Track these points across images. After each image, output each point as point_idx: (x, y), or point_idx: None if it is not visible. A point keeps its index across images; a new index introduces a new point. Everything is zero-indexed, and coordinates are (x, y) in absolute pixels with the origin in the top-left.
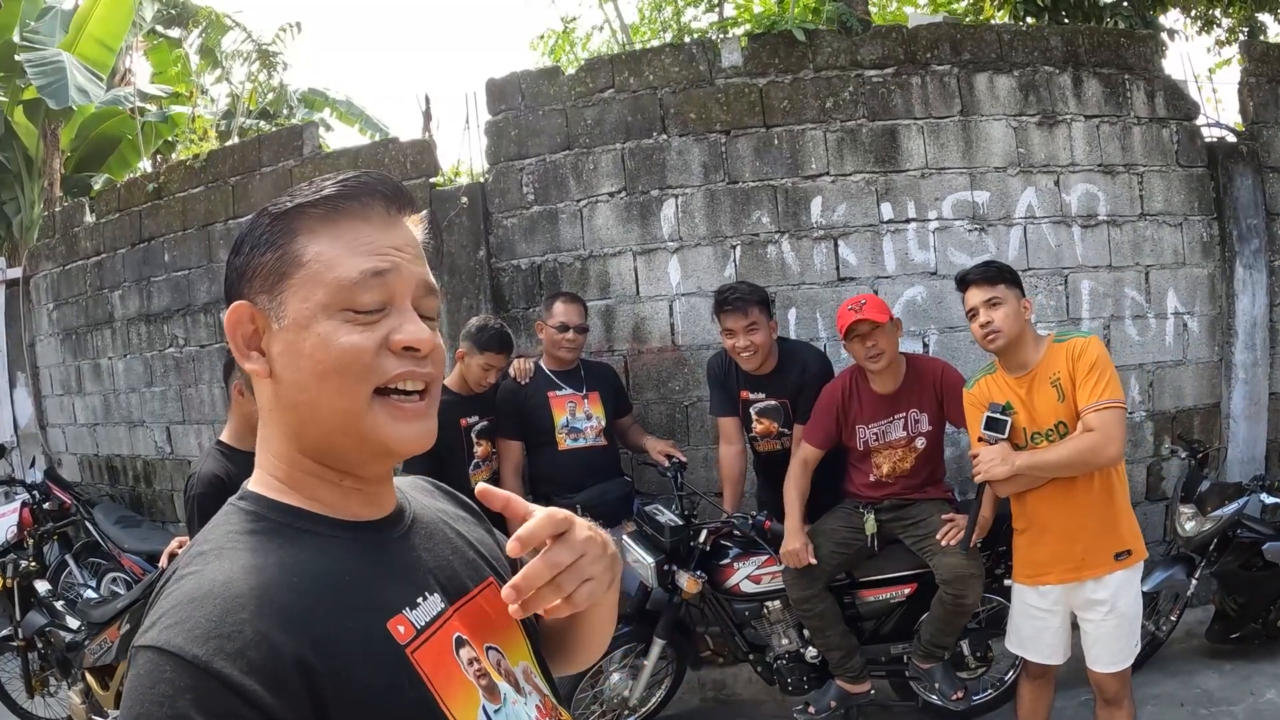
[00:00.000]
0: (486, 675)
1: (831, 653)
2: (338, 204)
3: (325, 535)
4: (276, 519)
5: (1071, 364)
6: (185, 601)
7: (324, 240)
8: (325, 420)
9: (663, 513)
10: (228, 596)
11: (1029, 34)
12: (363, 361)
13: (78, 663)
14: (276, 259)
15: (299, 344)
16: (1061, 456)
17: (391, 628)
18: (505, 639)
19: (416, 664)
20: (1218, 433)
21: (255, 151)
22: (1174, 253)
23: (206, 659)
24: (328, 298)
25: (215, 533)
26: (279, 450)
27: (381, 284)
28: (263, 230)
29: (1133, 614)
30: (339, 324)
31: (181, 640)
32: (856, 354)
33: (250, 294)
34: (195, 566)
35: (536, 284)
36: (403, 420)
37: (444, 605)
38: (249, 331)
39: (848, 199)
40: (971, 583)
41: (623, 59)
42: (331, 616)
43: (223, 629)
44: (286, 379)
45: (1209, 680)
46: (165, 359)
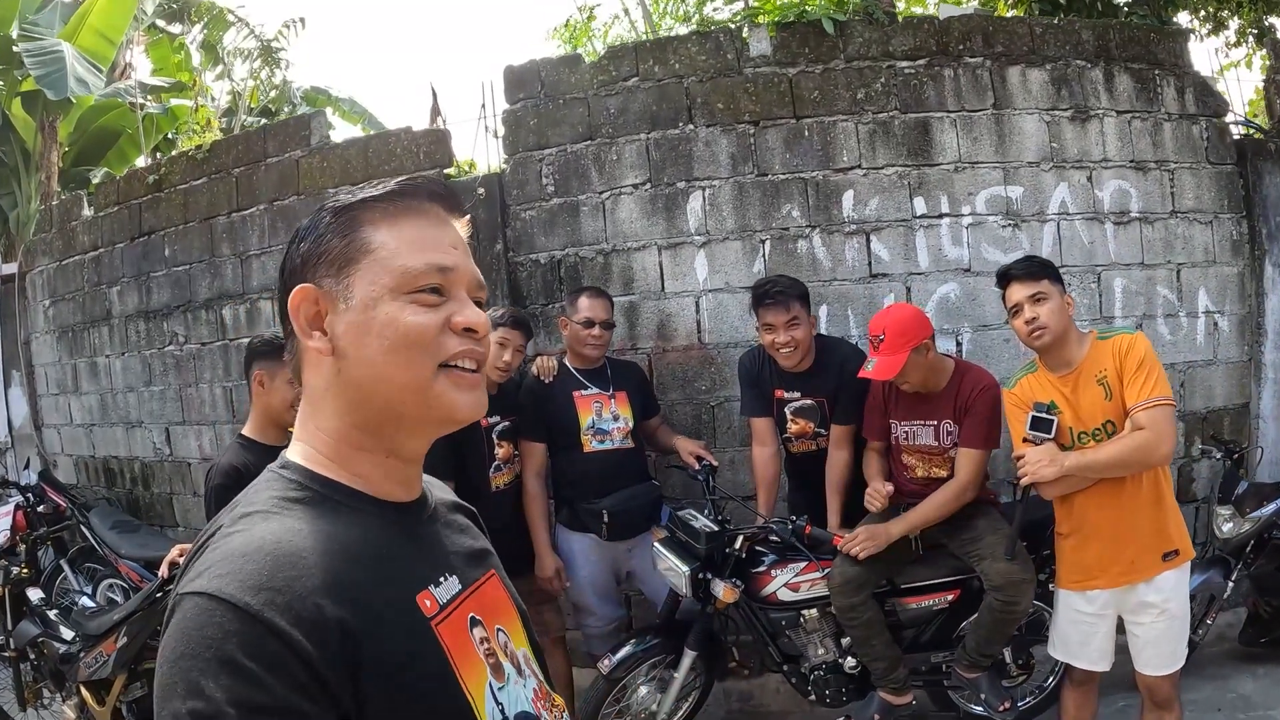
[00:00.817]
0: (494, 655)
1: (876, 663)
2: (400, 200)
3: (361, 510)
4: (317, 489)
5: (1119, 361)
6: (236, 554)
7: (387, 232)
8: (391, 392)
9: (697, 518)
10: (278, 554)
11: (1060, 28)
12: (427, 338)
13: (72, 675)
14: (344, 245)
15: (367, 322)
16: (1114, 455)
17: (420, 601)
18: (510, 624)
19: (440, 636)
20: (1247, 433)
21: (260, 142)
22: (1205, 251)
23: (259, 608)
24: (394, 282)
25: (259, 496)
26: (328, 425)
27: (443, 276)
28: (328, 220)
29: (1184, 614)
30: (405, 304)
31: (234, 588)
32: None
33: (315, 278)
34: (242, 526)
35: (556, 279)
36: (464, 389)
37: (460, 587)
38: (312, 313)
39: (880, 193)
40: (1024, 589)
41: (647, 47)
42: (370, 585)
43: (274, 582)
44: (352, 355)
45: (1244, 684)
46: (164, 357)
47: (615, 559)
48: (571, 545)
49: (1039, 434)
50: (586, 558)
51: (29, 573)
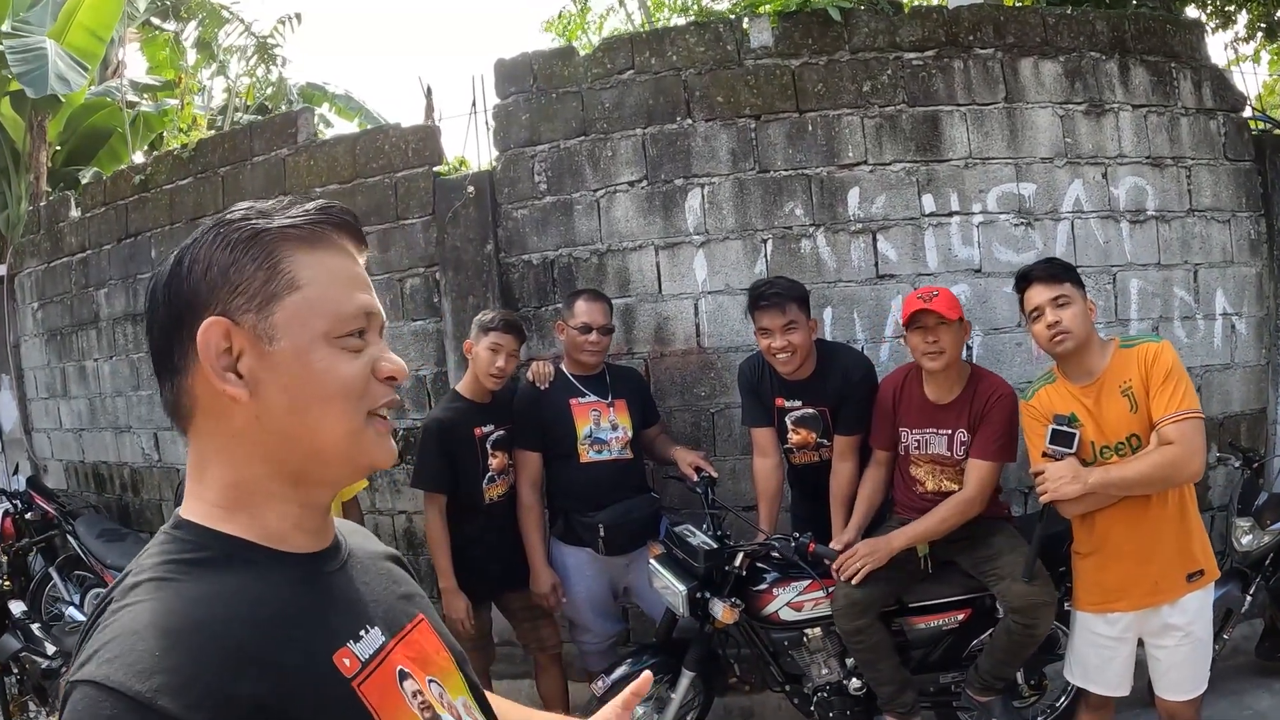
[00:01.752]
0: (430, 708)
1: (882, 687)
2: (319, 231)
3: (265, 566)
4: (216, 548)
5: (1144, 371)
6: (125, 634)
7: (309, 264)
8: (321, 442)
9: (694, 534)
10: (169, 629)
11: (1074, 18)
12: (360, 388)
13: (54, 691)
14: (266, 278)
15: (302, 370)
16: (1142, 472)
17: (337, 661)
18: (444, 673)
19: (363, 697)
20: (1264, 439)
21: (247, 140)
22: (1222, 250)
23: (150, 695)
24: (328, 326)
25: (150, 561)
26: (231, 477)
27: (368, 320)
28: (240, 244)
29: (1208, 637)
30: (338, 352)
31: (122, 675)
32: (915, 346)
33: (228, 311)
34: (132, 598)
35: (550, 281)
36: (384, 436)
37: (385, 638)
38: (223, 349)
39: (887, 190)
40: (1044, 611)
41: (643, 38)
42: (276, 650)
43: (165, 663)
44: (278, 403)
45: (1260, 700)
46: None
47: (612, 574)
48: (567, 560)
49: (1060, 449)
50: (582, 573)
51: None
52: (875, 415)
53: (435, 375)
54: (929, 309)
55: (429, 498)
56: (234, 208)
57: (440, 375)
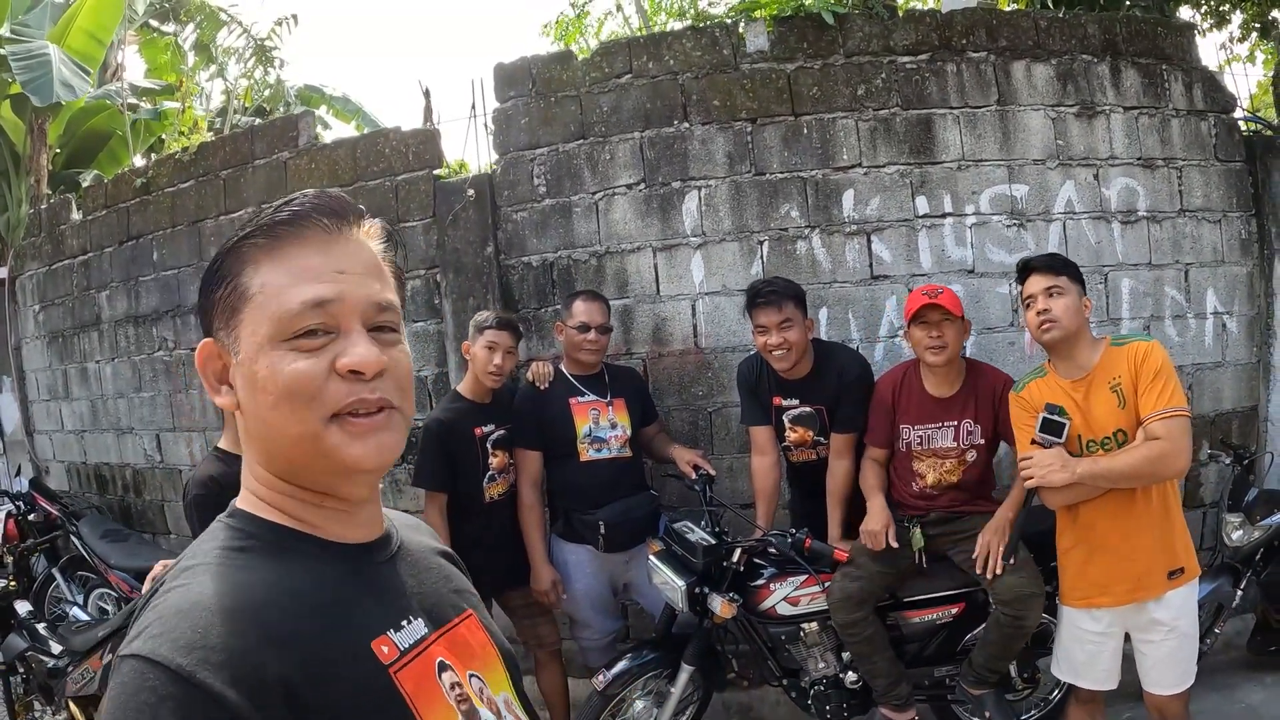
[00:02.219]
0: (468, 700)
1: (877, 680)
2: (275, 231)
3: (311, 554)
4: (264, 537)
5: (1134, 368)
6: (171, 613)
7: (267, 270)
8: (287, 447)
9: (693, 531)
10: (214, 610)
11: (1066, 21)
12: (309, 388)
13: (60, 690)
14: (228, 294)
15: (252, 376)
16: (1128, 465)
17: (375, 648)
18: (487, 668)
19: (399, 684)
20: (1256, 436)
21: (248, 143)
22: (1213, 250)
23: (191, 669)
24: (271, 329)
25: (202, 548)
26: (259, 474)
27: (324, 312)
28: (216, 267)
29: (1193, 632)
30: (284, 353)
31: (167, 650)
32: (918, 342)
33: (214, 331)
34: (182, 580)
35: (549, 282)
36: (359, 437)
37: (427, 630)
38: (218, 367)
39: (881, 192)
40: (1032, 603)
41: (641, 43)
42: (315, 635)
43: (208, 641)
44: (248, 410)
45: (1252, 694)
46: (154, 363)
47: (612, 571)
48: (567, 557)
49: (1049, 437)
50: (583, 570)
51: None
52: (873, 413)
53: (436, 376)
54: (936, 304)
55: (429, 497)
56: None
57: (441, 376)
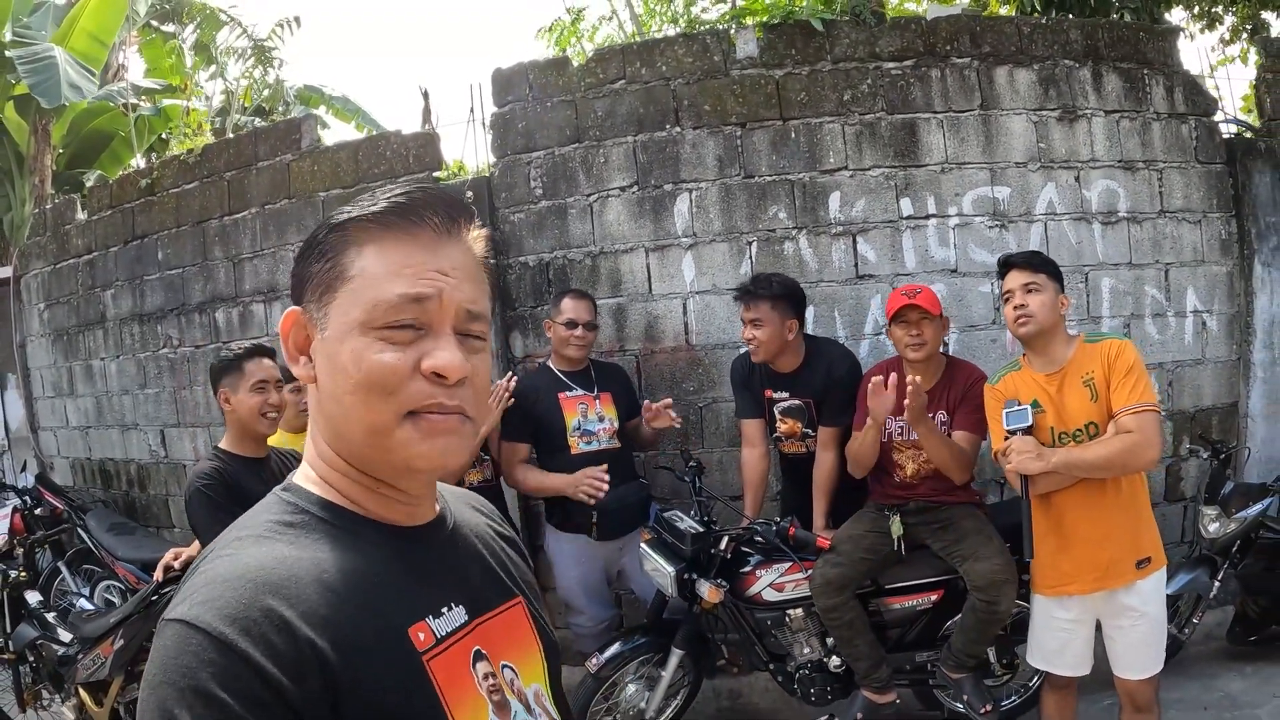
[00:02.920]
0: (500, 691)
1: (858, 663)
2: (388, 220)
3: (362, 536)
4: (316, 514)
5: (1107, 365)
6: (218, 581)
7: (371, 256)
8: (356, 432)
9: (682, 519)
10: (259, 582)
11: (1049, 27)
12: (391, 381)
13: (70, 677)
14: (325, 270)
15: (336, 356)
16: (1101, 455)
17: (412, 634)
18: (523, 659)
19: (431, 672)
20: (1236, 432)
21: (251, 145)
22: (1193, 250)
23: (233, 637)
24: (364, 315)
25: (256, 519)
26: (322, 450)
27: (419, 309)
28: (320, 239)
29: (1161, 618)
30: (372, 340)
31: (210, 616)
32: (898, 340)
33: (303, 301)
34: (232, 550)
35: (545, 282)
36: (430, 436)
37: (467, 618)
38: (301, 338)
39: (866, 194)
40: (1005, 589)
41: (634, 49)
42: (355, 616)
43: (250, 612)
44: (325, 388)
45: (1231, 683)
46: (159, 360)
47: (606, 559)
48: (562, 546)
49: (1016, 426)
50: (577, 559)
51: (27, 576)
52: (860, 401)
53: None
54: (914, 304)
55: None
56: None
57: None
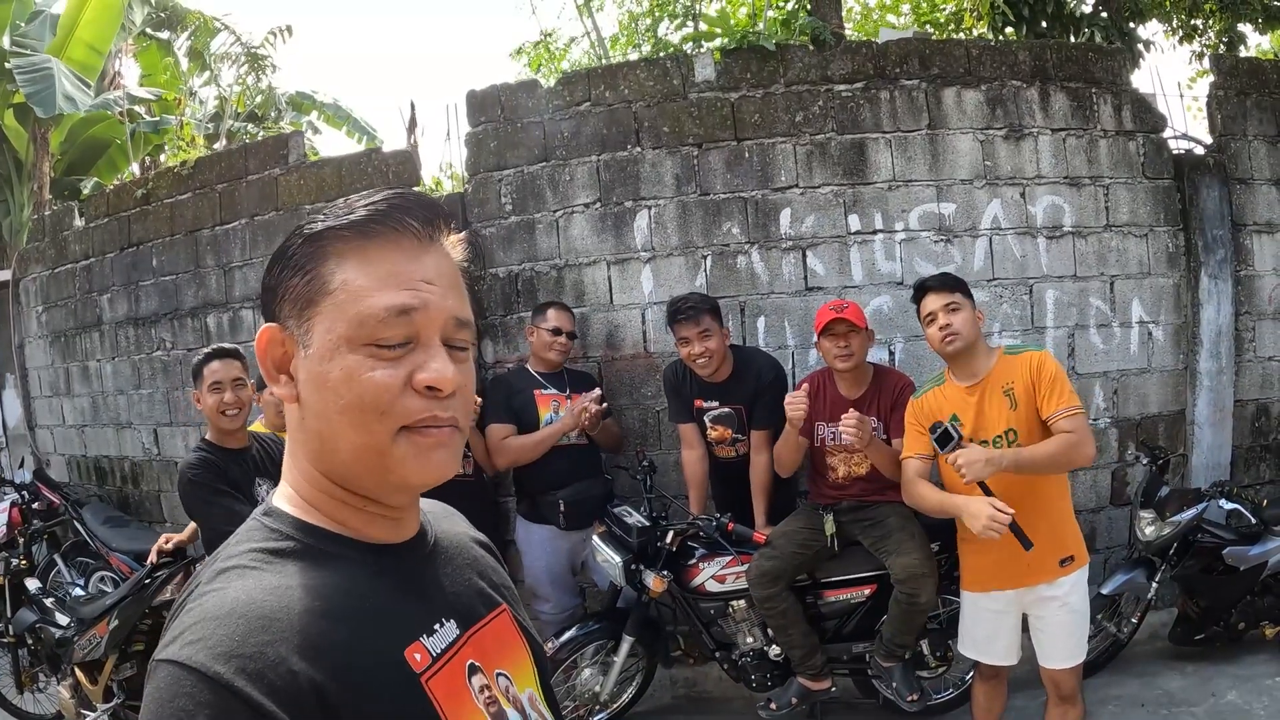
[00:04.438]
0: (496, 702)
1: (793, 651)
2: (368, 228)
3: (349, 559)
4: (301, 539)
5: (1031, 375)
6: (208, 618)
7: (352, 267)
8: (346, 451)
9: (630, 514)
10: (250, 617)
11: (997, 49)
12: (384, 400)
13: (67, 658)
14: (305, 284)
15: (323, 375)
16: (1048, 453)
17: (408, 656)
18: (515, 665)
19: (430, 692)
20: (1183, 439)
21: (242, 159)
22: (1139, 263)
23: (229, 677)
24: (351, 331)
25: (238, 549)
26: (304, 470)
27: (407, 321)
28: (294, 251)
29: (1084, 609)
30: (363, 359)
31: (203, 656)
32: (827, 351)
33: (281, 317)
34: (219, 584)
35: (514, 292)
36: (425, 450)
37: (459, 632)
38: (279, 354)
39: (816, 210)
40: (924, 582)
41: (599, 73)
42: (350, 643)
43: (244, 649)
44: (311, 406)
45: (1171, 681)
46: (153, 362)
47: (572, 548)
48: (531, 535)
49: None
50: (545, 548)
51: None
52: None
53: None
54: (842, 317)
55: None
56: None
57: None
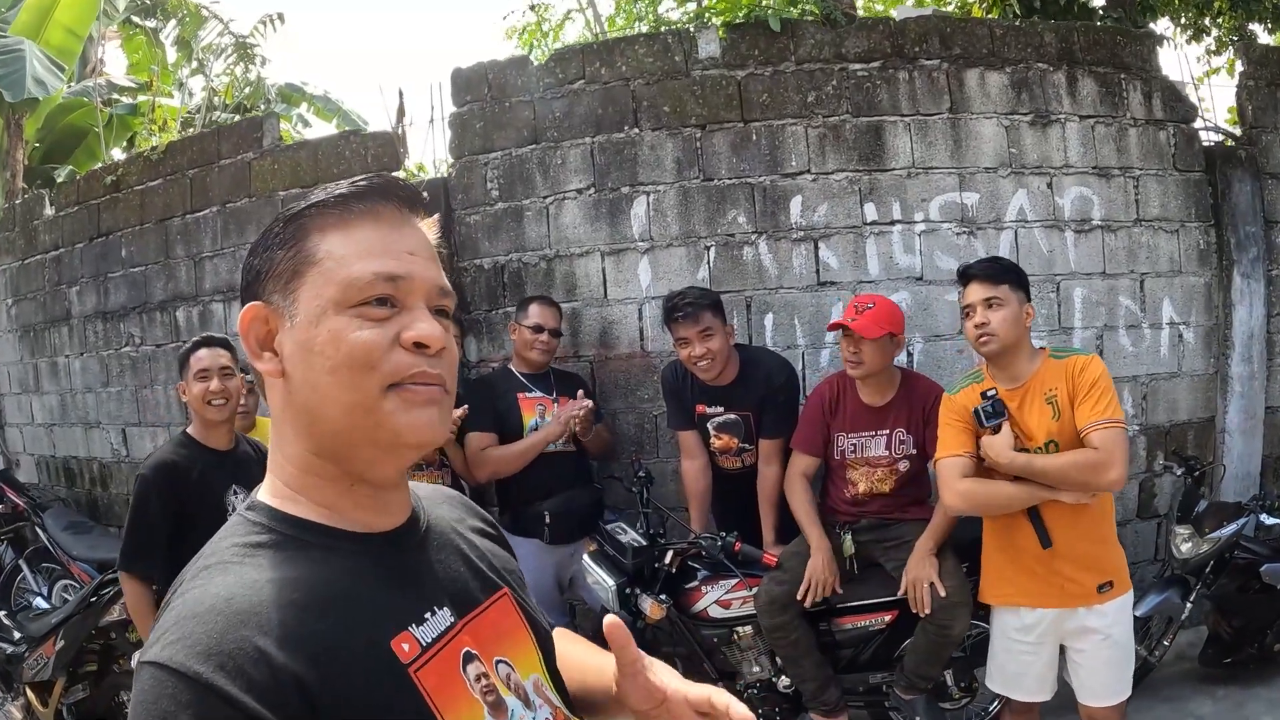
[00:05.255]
0: (494, 691)
1: (805, 684)
2: (350, 204)
3: (332, 548)
4: (283, 531)
5: (1072, 381)
6: (187, 617)
7: (336, 239)
8: (336, 416)
9: (625, 531)
10: (229, 613)
11: (1022, 30)
12: (374, 356)
13: (18, 676)
14: (290, 256)
15: (310, 340)
16: (1059, 466)
17: (395, 646)
18: (516, 651)
19: (419, 683)
20: (1212, 448)
21: (214, 144)
22: (1170, 260)
23: (209, 676)
24: (339, 294)
25: (221, 545)
26: (290, 453)
27: (393, 286)
28: (277, 231)
29: (1128, 642)
30: (349, 319)
31: (183, 656)
32: (844, 351)
33: (265, 294)
34: (200, 581)
35: (500, 285)
36: (415, 406)
37: (453, 619)
38: (262, 332)
39: (829, 199)
40: (959, 612)
41: (594, 49)
42: (333, 635)
43: (224, 646)
44: (298, 377)
45: (1203, 706)
46: (121, 358)
47: (558, 564)
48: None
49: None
50: (529, 564)
51: None
52: (807, 420)
53: None
54: (851, 327)
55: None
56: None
57: None
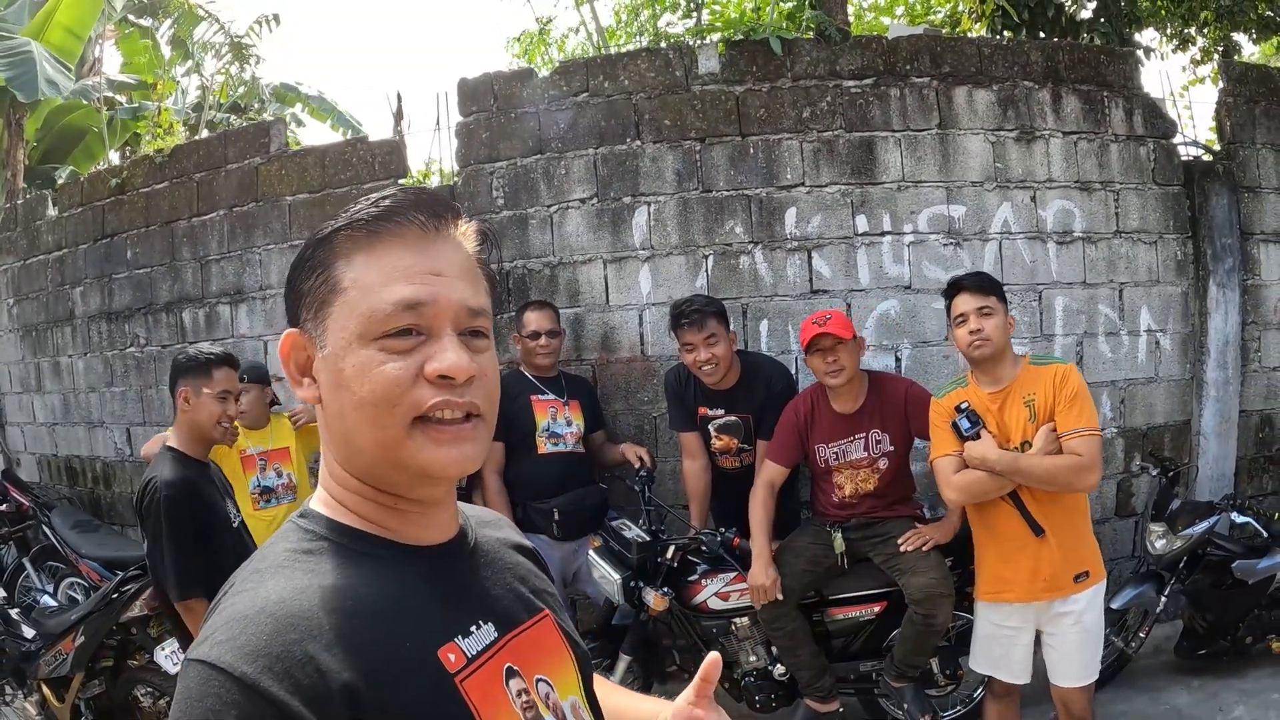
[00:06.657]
0: (534, 708)
1: (800, 672)
2: (373, 226)
3: (382, 559)
4: (335, 540)
5: (1054, 389)
6: (238, 618)
7: (360, 265)
8: (367, 448)
9: (629, 528)
10: (279, 616)
11: (1009, 48)
12: (396, 393)
13: (33, 673)
14: (318, 285)
15: (339, 374)
16: (1045, 468)
17: (442, 655)
18: (556, 671)
19: (465, 693)
20: (1188, 449)
21: (221, 148)
22: (1148, 270)
23: (255, 677)
24: (361, 328)
25: (274, 550)
26: (334, 472)
27: (416, 314)
28: (308, 256)
29: (1098, 628)
30: (374, 353)
31: (231, 657)
32: (817, 368)
33: (301, 321)
34: (251, 584)
35: (505, 291)
36: (442, 444)
37: (497, 635)
38: (302, 359)
39: (823, 210)
40: (942, 602)
41: (598, 62)
42: (381, 643)
43: (272, 648)
44: (331, 406)
45: (1178, 697)
46: (126, 359)
47: (563, 559)
48: None
49: (972, 429)
50: None
51: None
52: (783, 432)
53: None
54: (825, 332)
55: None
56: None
57: None
